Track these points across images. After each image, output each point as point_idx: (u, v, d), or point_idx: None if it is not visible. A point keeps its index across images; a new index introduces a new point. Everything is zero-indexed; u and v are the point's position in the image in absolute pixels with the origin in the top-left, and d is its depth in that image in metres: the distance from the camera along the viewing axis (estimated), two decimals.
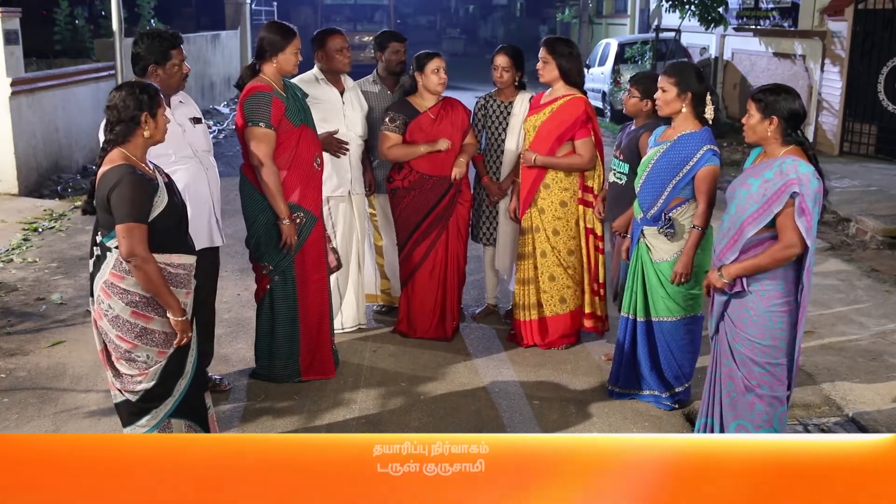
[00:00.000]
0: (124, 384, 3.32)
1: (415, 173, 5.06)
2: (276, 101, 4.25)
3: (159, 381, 3.31)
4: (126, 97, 3.19)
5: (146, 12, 14.62)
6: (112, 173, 3.13)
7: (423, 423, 4.25)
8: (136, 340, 3.25)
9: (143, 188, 3.14)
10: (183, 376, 3.39)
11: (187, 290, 3.36)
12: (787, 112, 3.39)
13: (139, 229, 3.12)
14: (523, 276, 5.10)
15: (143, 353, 3.27)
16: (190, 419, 3.46)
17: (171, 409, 3.37)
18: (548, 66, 4.89)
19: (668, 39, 14.64)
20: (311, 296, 4.54)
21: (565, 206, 4.96)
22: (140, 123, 3.20)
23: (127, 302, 3.22)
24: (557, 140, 4.87)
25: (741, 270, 3.44)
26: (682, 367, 4.36)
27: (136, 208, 3.12)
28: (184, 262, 3.34)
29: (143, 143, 3.24)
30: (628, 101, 4.67)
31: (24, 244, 7.30)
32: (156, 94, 3.26)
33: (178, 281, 3.31)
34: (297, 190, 4.37)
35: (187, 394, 3.41)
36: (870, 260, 7.03)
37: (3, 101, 8.70)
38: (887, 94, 10.86)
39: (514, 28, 36.30)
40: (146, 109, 3.20)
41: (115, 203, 3.11)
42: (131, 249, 3.10)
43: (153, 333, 3.27)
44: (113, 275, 3.22)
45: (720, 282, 3.51)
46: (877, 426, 4.19)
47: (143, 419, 3.35)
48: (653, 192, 4.15)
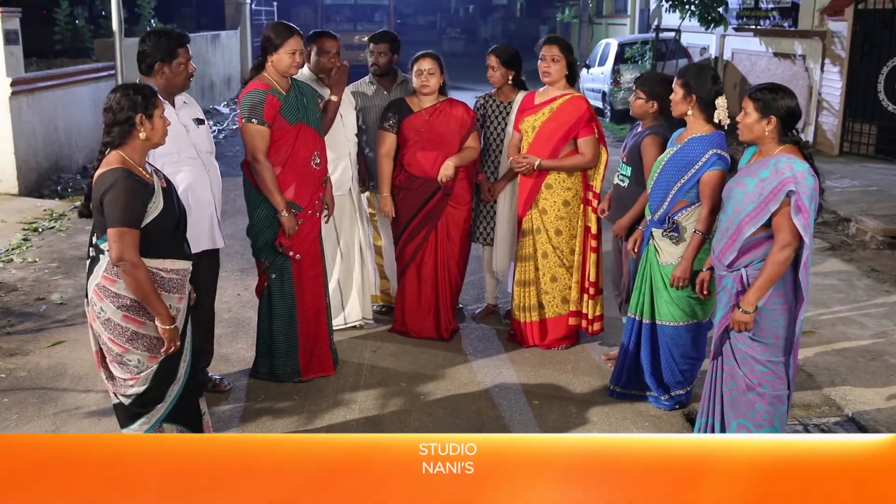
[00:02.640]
0: (117, 387, 3.30)
1: (404, 172, 5.08)
2: (271, 99, 4.26)
3: (151, 385, 3.28)
4: (120, 99, 3.17)
5: (146, 12, 14.62)
6: (107, 176, 3.11)
7: (423, 423, 4.25)
8: (126, 344, 3.22)
9: (136, 193, 3.11)
10: (175, 381, 3.36)
11: (180, 296, 3.32)
12: (785, 111, 3.40)
13: (130, 234, 3.08)
14: (523, 278, 5.09)
15: (135, 357, 3.24)
16: (182, 424, 3.43)
17: (163, 414, 3.34)
18: (558, 65, 4.85)
19: (668, 39, 14.64)
20: (308, 292, 4.55)
21: (568, 205, 4.95)
22: (135, 125, 3.17)
23: (118, 305, 3.19)
24: (563, 139, 4.86)
25: (758, 293, 3.40)
26: (682, 373, 4.33)
27: (129, 213, 3.08)
28: (177, 268, 3.30)
29: (140, 145, 3.21)
30: (634, 102, 4.60)
31: (24, 244, 7.30)
32: (151, 96, 3.23)
33: (171, 286, 3.27)
34: (292, 187, 4.39)
35: (180, 399, 3.38)
36: (870, 260, 7.03)
37: (3, 101, 8.70)
38: (887, 94, 10.86)
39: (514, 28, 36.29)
40: (140, 111, 3.17)
41: (107, 206, 3.08)
42: (121, 254, 3.07)
43: (144, 338, 3.23)
44: (105, 278, 3.19)
45: (748, 317, 3.43)
46: (877, 426, 4.19)
47: (136, 423, 3.33)
48: (660, 193, 4.14)
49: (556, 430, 4.21)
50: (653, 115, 4.55)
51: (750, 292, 3.42)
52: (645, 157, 4.46)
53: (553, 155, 4.88)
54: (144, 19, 14.56)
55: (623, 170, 4.68)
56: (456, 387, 4.67)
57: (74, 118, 10.21)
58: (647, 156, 4.44)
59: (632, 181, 4.58)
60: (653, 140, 4.43)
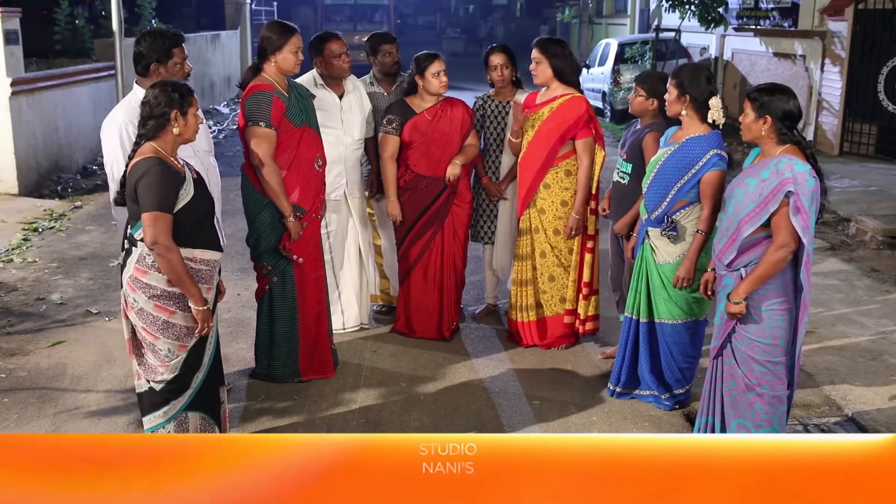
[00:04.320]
0: (148, 373, 3.44)
1: (410, 173, 5.07)
2: (277, 101, 4.25)
3: (179, 373, 3.43)
4: (158, 94, 3.33)
5: (146, 12, 14.62)
6: (140, 164, 3.26)
7: (423, 423, 4.25)
8: (158, 333, 3.37)
9: (168, 179, 3.25)
10: (200, 369, 3.51)
11: (209, 286, 3.46)
12: (782, 112, 3.40)
13: (163, 219, 3.22)
14: (521, 278, 5.09)
15: (165, 345, 3.39)
16: (204, 412, 3.57)
17: (186, 401, 3.49)
18: (540, 66, 4.87)
19: (667, 39, 14.64)
20: (310, 295, 4.55)
21: (566, 205, 4.95)
22: (170, 121, 3.31)
23: (150, 296, 3.34)
24: (560, 140, 4.86)
25: (749, 287, 3.43)
26: (682, 371, 4.35)
27: (161, 198, 3.23)
28: (207, 258, 3.45)
29: (172, 139, 3.36)
30: (634, 100, 4.61)
31: (24, 244, 7.30)
32: (188, 94, 3.38)
33: (200, 277, 3.41)
34: (297, 190, 4.37)
35: (203, 386, 3.53)
36: (870, 260, 7.03)
37: (3, 101, 8.70)
38: (887, 94, 10.86)
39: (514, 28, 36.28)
40: (176, 107, 3.32)
41: (141, 193, 3.23)
42: (155, 237, 3.21)
43: (175, 327, 3.38)
44: (137, 269, 3.34)
45: (739, 307, 3.47)
46: (877, 426, 4.19)
47: (162, 410, 3.47)
48: (658, 193, 4.14)
49: (556, 430, 4.21)
50: (652, 112, 4.55)
51: (741, 284, 3.45)
52: (647, 154, 4.45)
53: (550, 154, 4.87)
54: (144, 19, 14.56)
55: (623, 167, 4.67)
56: (456, 387, 4.68)
57: (74, 118, 10.21)
58: (649, 153, 4.43)
59: (632, 178, 4.58)
60: (654, 137, 4.43)
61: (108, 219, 7.77)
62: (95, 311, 5.72)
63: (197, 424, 3.54)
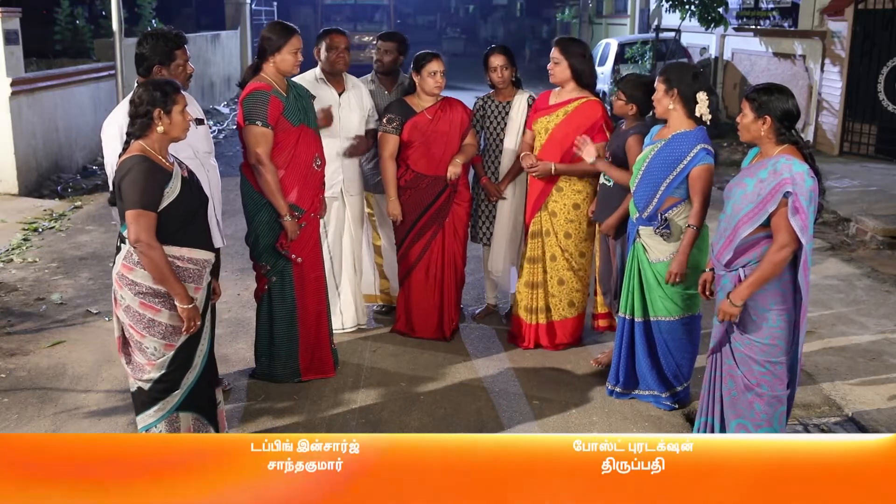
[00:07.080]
0: (135, 372, 3.43)
1: (410, 172, 5.06)
2: (274, 101, 4.25)
3: (166, 372, 3.40)
4: (142, 94, 3.32)
5: (146, 12, 14.61)
6: (125, 163, 3.27)
7: (423, 423, 4.25)
8: (144, 331, 3.35)
9: (152, 177, 3.24)
10: (191, 369, 3.47)
11: (197, 286, 3.42)
12: (780, 112, 3.40)
13: (145, 216, 3.21)
14: (532, 280, 5.07)
15: (152, 344, 3.37)
16: (198, 413, 3.53)
17: (178, 401, 3.46)
18: (559, 67, 4.84)
19: (668, 39, 14.64)
20: (310, 295, 4.55)
21: (578, 208, 4.93)
22: (153, 119, 3.30)
23: (136, 293, 3.33)
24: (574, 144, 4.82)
25: (749, 289, 3.42)
26: (680, 367, 4.36)
27: (144, 195, 3.22)
28: (194, 257, 3.41)
29: (159, 138, 3.34)
30: (616, 102, 4.67)
31: (24, 244, 7.30)
32: (172, 92, 3.34)
33: (187, 275, 3.38)
34: (295, 190, 4.37)
35: (195, 387, 3.49)
36: (870, 260, 7.03)
37: (3, 101, 8.70)
38: (887, 94, 10.86)
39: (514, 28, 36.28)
40: (160, 106, 3.30)
41: (124, 190, 3.23)
42: (137, 235, 3.20)
43: (160, 325, 3.35)
44: (124, 265, 3.34)
45: (735, 309, 3.47)
46: (877, 426, 4.19)
47: (152, 409, 3.45)
48: (647, 191, 4.15)
49: (556, 430, 4.21)
50: (632, 116, 4.60)
51: (741, 286, 3.44)
52: (630, 155, 4.46)
53: (564, 160, 4.84)
54: (144, 19, 14.55)
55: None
56: (456, 387, 4.68)
57: (74, 118, 10.21)
58: (632, 155, 4.45)
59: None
60: (637, 140, 4.45)
61: (108, 219, 7.78)
62: (95, 311, 5.72)
63: (189, 425, 3.49)
